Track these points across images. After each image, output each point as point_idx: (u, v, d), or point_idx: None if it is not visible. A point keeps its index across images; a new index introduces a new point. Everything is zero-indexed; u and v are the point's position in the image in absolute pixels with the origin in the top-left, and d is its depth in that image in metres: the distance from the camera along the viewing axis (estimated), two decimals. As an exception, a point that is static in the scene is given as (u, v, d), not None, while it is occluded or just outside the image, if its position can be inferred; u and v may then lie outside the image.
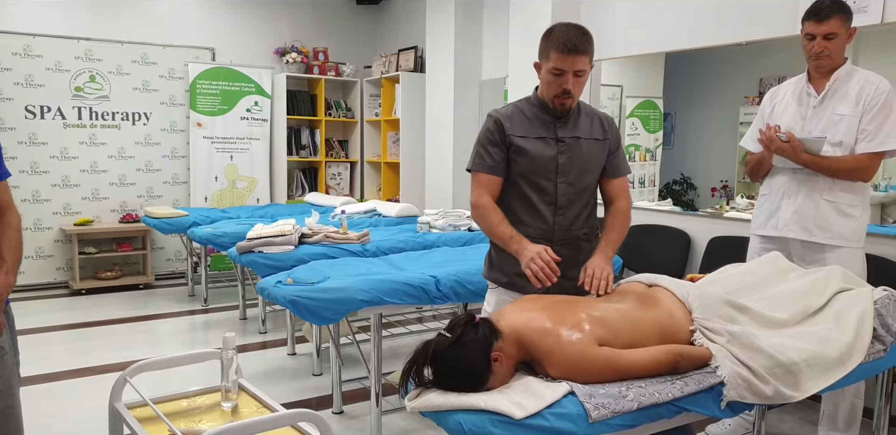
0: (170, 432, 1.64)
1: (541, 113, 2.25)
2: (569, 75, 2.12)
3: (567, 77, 2.12)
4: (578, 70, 2.12)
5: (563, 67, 2.11)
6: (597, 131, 2.29)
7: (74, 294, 5.79)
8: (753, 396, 1.80)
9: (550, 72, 2.14)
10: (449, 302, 3.07)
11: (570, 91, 2.14)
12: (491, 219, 2.20)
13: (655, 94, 4.92)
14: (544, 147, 2.22)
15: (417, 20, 6.54)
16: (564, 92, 2.14)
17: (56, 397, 3.52)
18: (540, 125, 2.24)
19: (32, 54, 5.72)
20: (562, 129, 2.24)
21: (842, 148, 2.65)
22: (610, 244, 2.24)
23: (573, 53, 2.08)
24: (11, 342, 1.93)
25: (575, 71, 2.11)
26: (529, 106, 2.28)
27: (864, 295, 2.20)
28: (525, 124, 2.24)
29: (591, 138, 2.26)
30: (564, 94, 2.15)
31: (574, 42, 2.08)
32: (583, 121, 2.28)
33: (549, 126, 2.24)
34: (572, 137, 2.24)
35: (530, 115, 2.25)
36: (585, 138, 2.25)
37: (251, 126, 6.63)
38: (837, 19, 2.58)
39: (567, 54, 2.09)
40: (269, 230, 3.86)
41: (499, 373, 1.71)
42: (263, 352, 4.34)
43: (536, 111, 2.25)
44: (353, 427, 3.20)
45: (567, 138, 2.23)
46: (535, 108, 2.26)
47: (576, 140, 2.24)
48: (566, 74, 2.12)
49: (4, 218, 1.92)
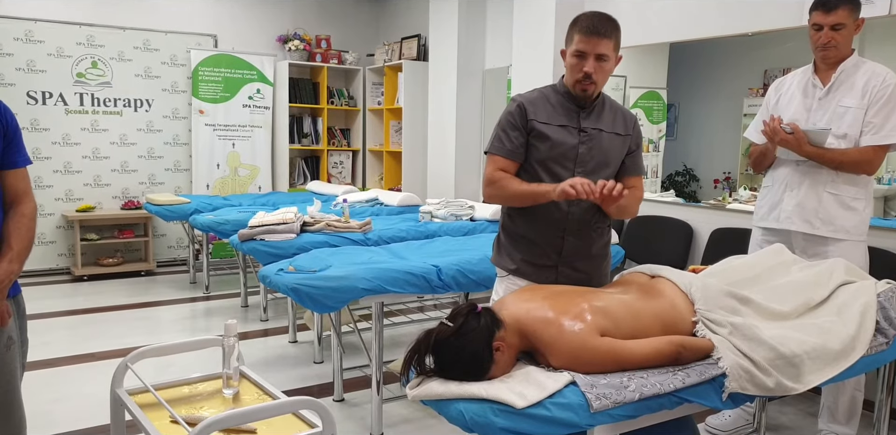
0: (171, 419, 1.64)
1: (565, 101, 2.23)
2: (590, 58, 2.10)
3: (589, 60, 2.11)
4: (600, 54, 2.10)
5: (584, 50, 2.10)
6: (619, 126, 2.27)
7: (76, 280, 5.81)
8: (755, 388, 1.80)
9: (573, 55, 2.14)
10: (450, 291, 3.08)
11: (591, 75, 2.12)
12: (511, 184, 2.18)
13: (659, 85, 4.89)
14: (566, 135, 2.20)
15: (421, 8, 6.50)
16: (586, 76, 2.12)
17: (57, 383, 3.53)
18: (563, 113, 2.22)
19: (34, 40, 5.70)
20: (585, 120, 2.22)
21: (846, 140, 2.63)
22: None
23: (595, 35, 2.08)
24: (20, 331, 1.92)
25: (597, 54, 2.10)
26: (555, 93, 2.26)
27: (866, 288, 2.20)
28: (549, 110, 2.22)
29: (612, 132, 2.25)
30: (586, 79, 2.13)
31: (597, 25, 2.09)
32: (606, 114, 2.26)
33: (572, 115, 2.22)
34: (595, 129, 2.22)
35: (555, 102, 2.24)
36: (607, 132, 2.24)
37: (253, 114, 6.61)
38: (845, 10, 2.56)
39: (589, 36, 2.08)
40: (271, 218, 3.86)
41: (500, 362, 1.71)
42: (265, 339, 4.35)
43: (561, 99, 2.24)
44: (353, 415, 3.21)
45: (590, 129, 2.21)
46: (559, 96, 2.24)
47: (598, 132, 2.22)
48: (588, 57, 2.11)
49: (19, 206, 1.90)
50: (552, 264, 2.25)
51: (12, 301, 1.88)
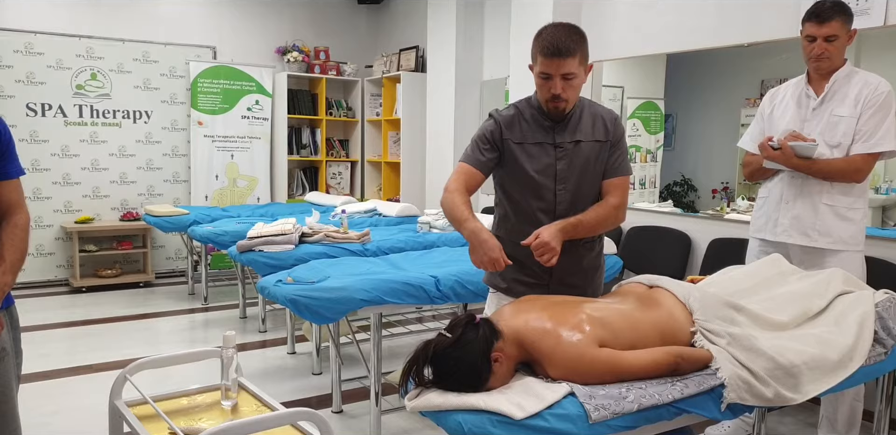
0: (170, 431, 1.64)
1: (539, 116, 2.20)
2: (556, 79, 2.05)
3: (555, 81, 2.06)
4: (566, 73, 2.04)
5: (548, 72, 2.06)
6: (599, 132, 2.21)
7: (75, 292, 5.80)
8: (753, 399, 1.79)
9: (539, 76, 2.10)
10: (449, 302, 3.07)
11: (560, 95, 2.08)
12: (454, 201, 2.13)
13: (656, 96, 4.91)
14: (542, 153, 2.18)
15: (419, 20, 6.54)
16: (554, 96, 2.09)
17: (55, 395, 3.52)
18: (538, 129, 2.19)
19: (34, 52, 5.72)
20: (560, 135, 2.18)
21: (839, 149, 2.64)
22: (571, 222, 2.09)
23: (557, 57, 2.01)
24: (13, 343, 1.91)
25: (562, 74, 2.05)
26: (529, 108, 2.23)
27: (865, 298, 2.20)
28: (523, 128, 2.20)
29: (591, 140, 2.20)
30: (555, 99, 2.10)
31: (558, 45, 2.01)
32: (584, 122, 2.21)
33: (547, 131, 2.19)
34: (571, 142, 2.18)
35: (529, 118, 2.21)
36: (586, 141, 2.19)
37: (252, 125, 6.63)
38: (838, 21, 2.57)
39: (551, 58, 2.02)
40: (270, 229, 3.87)
41: (499, 373, 1.71)
42: (263, 351, 4.34)
43: (535, 114, 2.21)
44: (352, 427, 3.20)
45: (566, 143, 2.18)
46: (534, 111, 2.21)
47: (575, 144, 2.18)
48: (553, 78, 2.06)
49: (12, 218, 1.89)
50: (544, 283, 2.24)
51: (5, 312, 1.87)
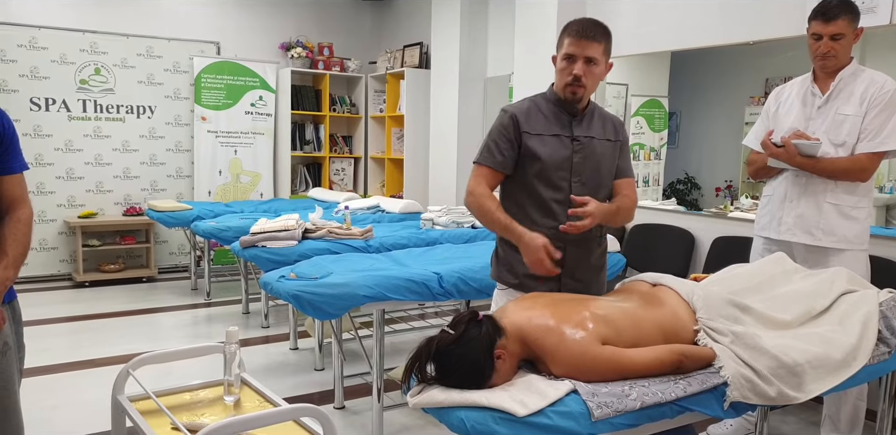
0: (172, 426, 1.64)
1: (557, 110, 2.24)
2: (580, 61, 2.13)
3: (578, 63, 2.13)
4: (590, 57, 2.12)
5: (573, 53, 2.13)
6: (609, 133, 2.29)
7: (78, 286, 5.80)
8: (756, 397, 1.79)
9: (563, 58, 2.16)
10: (451, 299, 3.07)
11: (581, 78, 2.13)
12: (486, 206, 2.17)
13: (661, 93, 4.90)
14: (559, 145, 2.20)
15: (423, 16, 6.53)
16: (575, 78, 2.13)
17: (58, 390, 3.53)
18: (556, 122, 2.23)
19: (38, 46, 5.72)
20: (577, 128, 2.23)
21: (844, 148, 2.62)
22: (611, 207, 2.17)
23: (585, 39, 2.11)
24: (16, 337, 1.92)
25: (586, 57, 2.12)
26: (545, 102, 2.26)
27: (869, 297, 2.20)
28: (541, 121, 2.22)
29: (604, 139, 2.26)
30: (575, 82, 2.14)
31: (587, 29, 2.12)
32: (596, 122, 2.28)
33: (564, 124, 2.23)
34: (587, 137, 2.23)
35: (546, 111, 2.24)
36: (599, 139, 2.25)
37: (255, 120, 6.63)
38: (845, 20, 2.56)
39: (579, 39, 2.12)
40: (273, 225, 3.86)
41: (501, 370, 1.71)
42: (266, 346, 4.34)
43: (552, 107, 2.24)
44: (354, 423, 3.20)
45: (582, 137, 2.22)
46: (550, 105, 2.25)
47: (590, 140, 2.23)
48: (577, 60, 2.13)
49: (15, 212, 1.89)
50: (555, 277, 2.24)
51: (8, 307, 1.87)
